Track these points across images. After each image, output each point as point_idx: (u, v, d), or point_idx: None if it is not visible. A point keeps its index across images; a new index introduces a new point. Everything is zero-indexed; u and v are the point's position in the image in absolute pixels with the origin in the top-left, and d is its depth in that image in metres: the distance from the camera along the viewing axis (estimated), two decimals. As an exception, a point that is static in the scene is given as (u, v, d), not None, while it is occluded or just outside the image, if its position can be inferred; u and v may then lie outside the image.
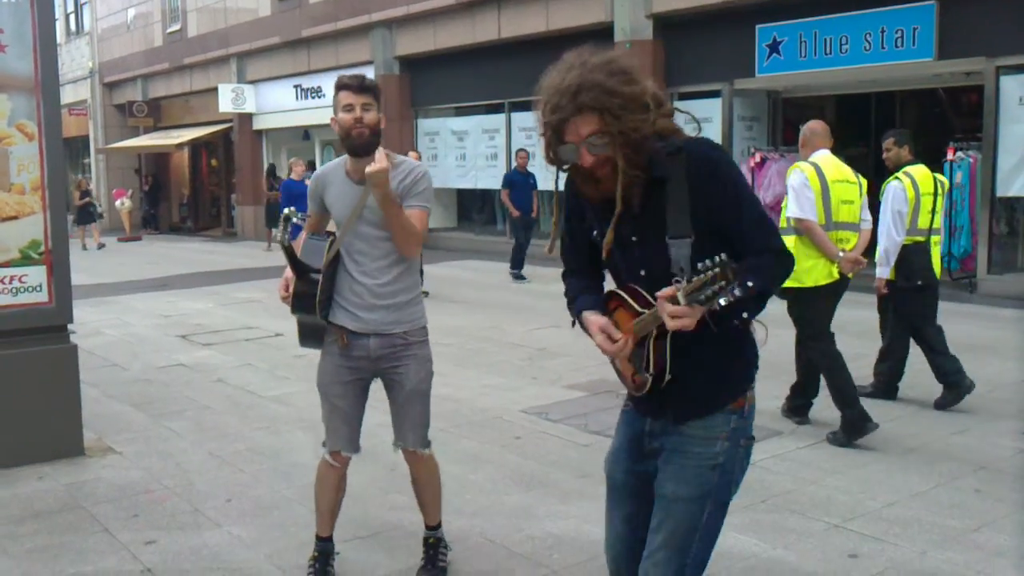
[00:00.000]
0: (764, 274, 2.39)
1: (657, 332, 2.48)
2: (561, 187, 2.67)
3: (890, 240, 6.59)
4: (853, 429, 5.84)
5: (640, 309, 2.51)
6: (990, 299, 11.54)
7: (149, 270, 17.95)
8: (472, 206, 21.00)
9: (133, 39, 31.02)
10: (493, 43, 18.04)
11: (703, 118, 12.83)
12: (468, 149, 19.52)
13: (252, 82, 25.71)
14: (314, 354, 4.07)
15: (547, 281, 14.34)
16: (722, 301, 2.16)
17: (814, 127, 6.45)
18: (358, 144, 3.72)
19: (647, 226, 2.49)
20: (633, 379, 2.68)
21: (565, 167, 2.54)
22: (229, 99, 25.38)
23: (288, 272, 3.85)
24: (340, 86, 3.77)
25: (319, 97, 22.80)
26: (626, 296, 2.59)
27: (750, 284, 2.21)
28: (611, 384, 7.55)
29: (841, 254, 6.00)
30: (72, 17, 35.11)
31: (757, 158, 13.91)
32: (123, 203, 27.80)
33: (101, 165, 32.41)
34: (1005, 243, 12.62)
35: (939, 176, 6.98)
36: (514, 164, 15.68)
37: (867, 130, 15.74)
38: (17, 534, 4.71)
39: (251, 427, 6.64)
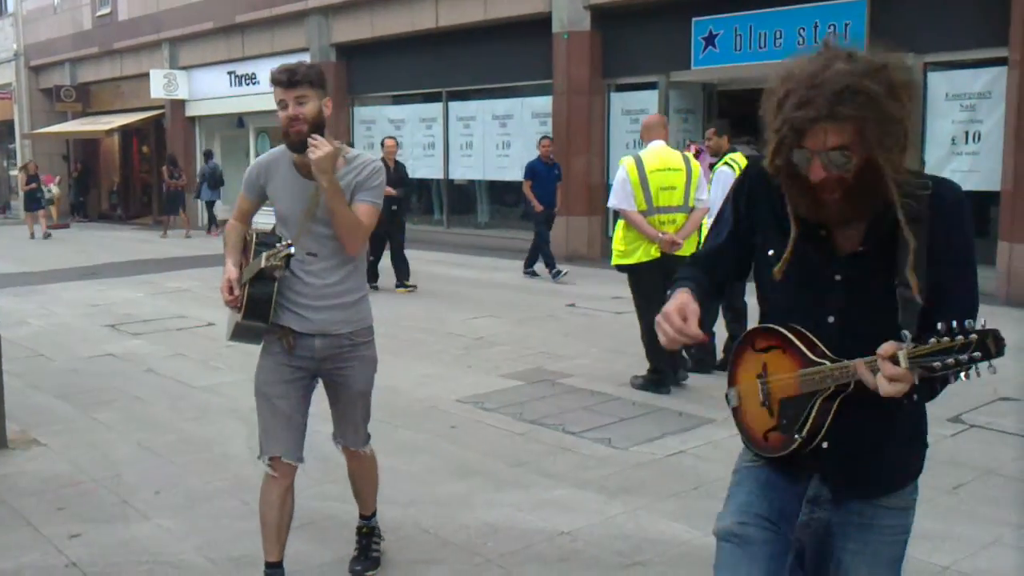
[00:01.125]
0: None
1: (832, 392, 2.10)
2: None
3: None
4: (652, 384, 7.06)
5: (814, 359, 2.12)
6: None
7: (77, 258, 17.54)
8: (408, 195, 20.87)
9: (61, 22, 30.23)
10: (431, 31, 17.94)
11: (640, 110, 12.87)
12: (405, 138, 19.38)
13: (185, 68, 25.25)
14: (248, 345, 3.90)
15: (485, 270, 14.34)
16: (962, 376, 1.83)
17: (649, 121, 7.44)
18: (296, 143, 3.50)
19: (864, 268, 2.10)
20: (766, 436, 2.28)
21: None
22: (161, 85, 24.90)
23: (231, 272, 3.65)
24: (272, 81, 3.54)
25: (254, 84, 22.47)
26: (794, 339, 2.17)
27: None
28: (547, 373, 7.60)
29: (661, 235, 6.85)
30: (-4, -3, 34.15)
31: (692, 150, 13.95)
32: (51, 190, 27.12)
33: (27, 151, 31.55)
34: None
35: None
36: (536, 153, 13.92)
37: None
38: (-64, 528, 4.58)
39: (182, 418, 6.53)
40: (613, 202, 7.11)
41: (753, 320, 2.37)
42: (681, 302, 2.22)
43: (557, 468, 5.41)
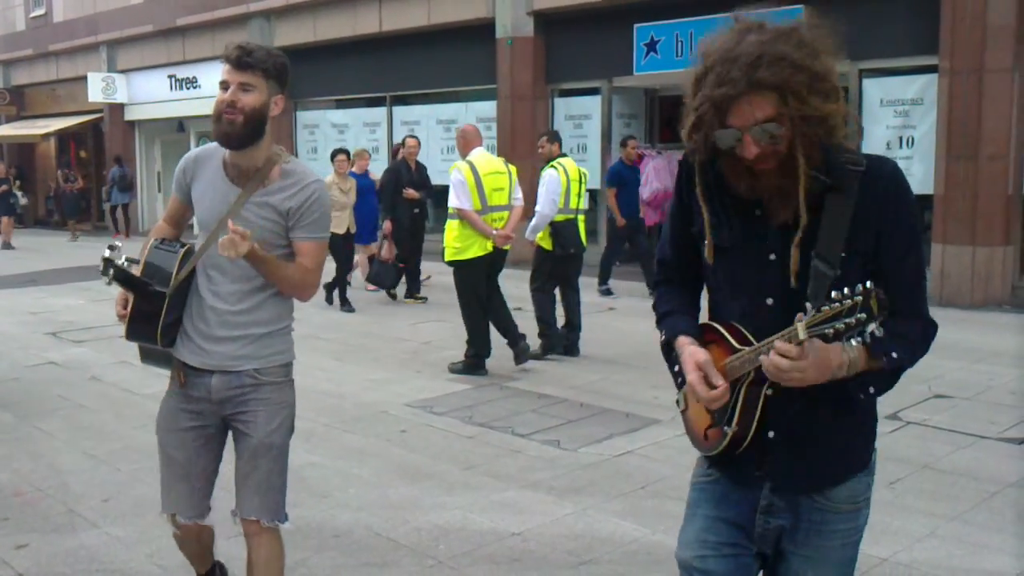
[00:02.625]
0: (910, 348, 2.05)
1: (753, 377, 2.07)
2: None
3: (542, 217, 8.24)
4: (470, 368, 7.81)
5: (738, 346, 2.09)
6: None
7: (14, 265, 17.18)
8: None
9: (-8, 23, 29.62)
10: (375, 36, 17.89)
11: (583, 115, 13.09)
12: (349, 143, 19.26)
13: (123, 71, 24.83)
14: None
15: (431, 273, 14.34)
16: (853, 342, 1.82)
17: (467, 131, 8.16)
18: (227, 135, 2.97)
19: (798, 244, 2.05)
20: (706, 433, 2.22)
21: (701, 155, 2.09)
22: (99, 88, 24.45)
23: None
24: (223, 58, 3.01)
25: (194, 88, 22.18)
26: (723, 330, 2.15)
27: (894, 355, 1.96)
28: (494, 377, 7.65)
29: (494, 232, 7.59)
30: (-74, -2, 33.29)
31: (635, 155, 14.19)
32: (22, 196, 26.35)
33: (-40, 155, 30.84)
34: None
35: (582, 169, 8.82)
36: (618, 155, 12.45)
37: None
38: None
39: (128, 425, 6.47)
40: (455, 203, 7.63)
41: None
42: (695, 363, 2.13)
43: (507, 470, 5.47)
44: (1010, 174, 10.82)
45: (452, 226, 7.70)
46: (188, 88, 22.66)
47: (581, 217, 8.59)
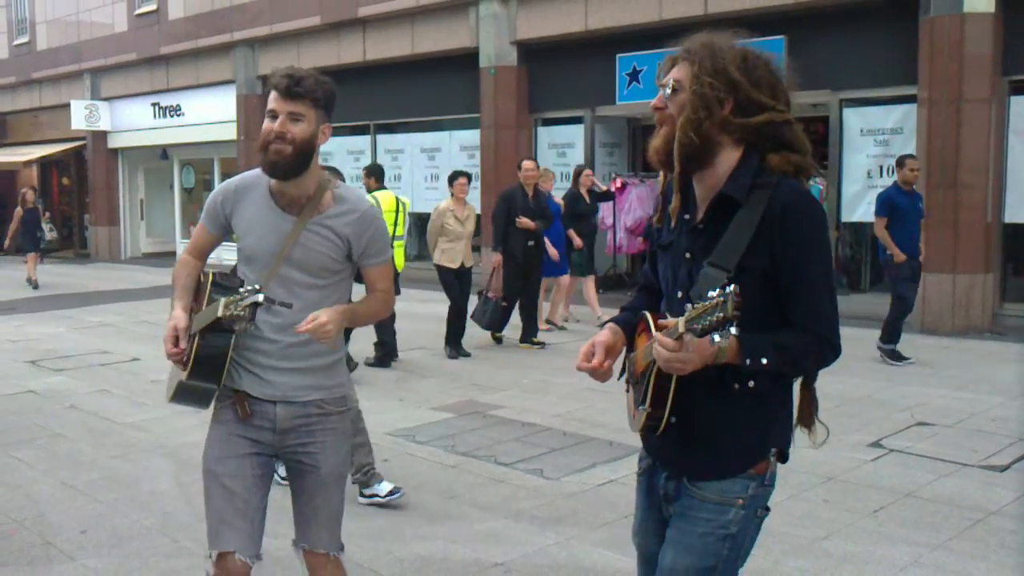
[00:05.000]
0: (788, 354, 2.22)
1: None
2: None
3: None
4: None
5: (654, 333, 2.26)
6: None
7: (-6, 293, 17.08)
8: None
9: (-25, 51, 29.57)
10: (358, 65, 17.97)
11: (566, 143, 13.20)
12: (333, 171, 19.34)
13: (107, 99, 24.84)
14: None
15: (413, 302, 14.32)
16: (716, 337, 1.98)
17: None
18: (274, 164, 2.88)
19: (703, 248, 2.29)
20: (635, 415, 2.44)
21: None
22: (82, 116, 24.44)
23: (179, 318, 2.95)
24: (271, 85, 2.94)
25: (178, 115, 22.19)
26: (650, 320, 2.33)
27: (764, 361, 2.14)
28: (478, 406, 7.62)
29: None
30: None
31: (618, 183, 14.27)
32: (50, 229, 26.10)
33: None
34: (849, 265, 13.31)
35: (402, 199, 9.66)
36: (893, 177, 9.89)
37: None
38: None
39: (107, 455, 6.40)
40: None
41: None
42: (594, 340, 2.44)
43: (489, 499, 5.44)
44: (989, 202, 10.94)
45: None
46: (172, 116, 22.65)
47: (398, 244, 9.42)
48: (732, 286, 1.95)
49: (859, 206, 12.26)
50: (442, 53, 16.44)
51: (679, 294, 2.35)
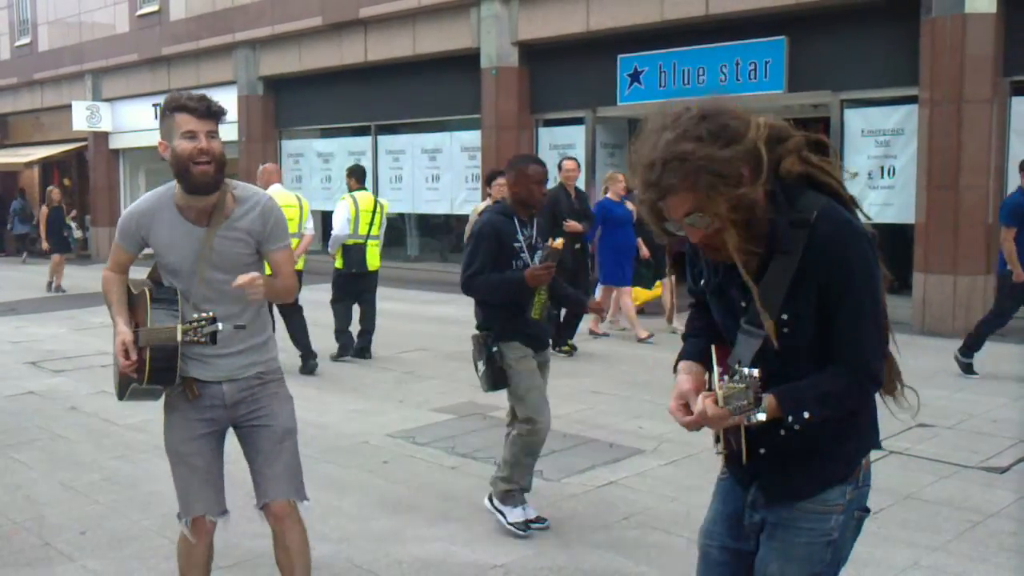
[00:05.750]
0: (832, 400, 2.22)
1: None
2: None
3: (335, 237, 9.74)
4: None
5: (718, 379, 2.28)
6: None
7: (-5, 294, 17.08)
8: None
9: (-23, 52, 29.59)
10: (360, 65, 17.97)
11: (567, 144, 13.07)
12: (334, 171, 19.34)
13: (108, 100, 24.86)
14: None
15: (414, 303, 14.32)
16: (748, 419, 2.07)
17: (268, 168, 9.83)
18: (201, 183, 3.23)
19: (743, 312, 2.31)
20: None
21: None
22: (84, 117, 24.45)
23: (125, 333, 3.30)
24: (177, 107, 3.23)
25: (179, 116, 22.18)
26: (715, 357, 2.32)
27: (806, 415, 2.16)
28: (478, 407, 7.62)
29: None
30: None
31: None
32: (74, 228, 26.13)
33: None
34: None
35: (381, 200, 10.25)
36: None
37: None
38: None
39: (107, 456, 6.40)
40: None
41: None
42: (678, 392, 2.35)
43: (489, 501, 5.43)
44: (990, 203, 10.91)
45: None
46: (173, 117, 22.62)
47: (373, 242, 9.88)
48: (752, 371, 2.03)
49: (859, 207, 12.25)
50: (443, 54, 16.45)
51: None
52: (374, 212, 9.87)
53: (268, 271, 3.56)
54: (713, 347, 2.36)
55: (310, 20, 18.50)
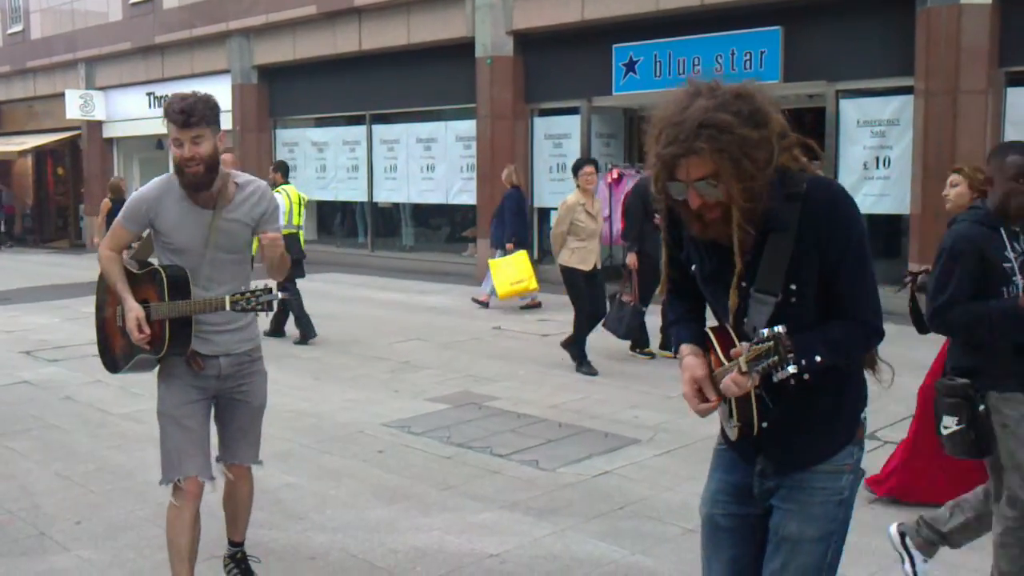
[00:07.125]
0: (840, 347, 2.33)
1: None
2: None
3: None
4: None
5: (723, 359, 2.37)
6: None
7: (-12, 283, 17.03)
8: (332, 218, 20.77)
9: (-32, 39, 29.45)
10: (354, 54, 17.91)
11: (562, 134, 12.97)
12: (328, 160, 19.30)
13: (102, 88, 24.75)
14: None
15: (410, 293, 14.32)
16: (775, 376, 2.17)
17: (225, 159, 9.65)
18: (192, 183, 3.60)
19: (735, 287, 2.40)
20: (727, 427, 2.56)
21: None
22: (77, 105, 24.33)
23: (138, 310, 3.62)
24: (166, 114, 3.58)
25: (173, 105, 22.11)
26: (715, 341, 2.43)
27: (818, 359, 2.24)
28: (473, 396, 7.63)
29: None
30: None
31: (615, 174, 14.24)
32: None
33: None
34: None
35: (301, 194, 11.10)
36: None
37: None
38: None
39: (102, 446, 6.40)
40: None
41: None
42: (691, 377, 2.42)
43: (485, 491, 5.44)
44: (985, 195, 10.90)
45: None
46: (167, 106, 22.55)
47: (300, 232, 10.88)
48: (779, 328, 2.13)
49: (855, 197, 12.22)
50: (438, 43, 16.39)
51: (745, 319, 2.39)
52: (300, 203, 10.96)
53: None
54: (709, 330, 2.49)
55: (304, 8, 18.43)
